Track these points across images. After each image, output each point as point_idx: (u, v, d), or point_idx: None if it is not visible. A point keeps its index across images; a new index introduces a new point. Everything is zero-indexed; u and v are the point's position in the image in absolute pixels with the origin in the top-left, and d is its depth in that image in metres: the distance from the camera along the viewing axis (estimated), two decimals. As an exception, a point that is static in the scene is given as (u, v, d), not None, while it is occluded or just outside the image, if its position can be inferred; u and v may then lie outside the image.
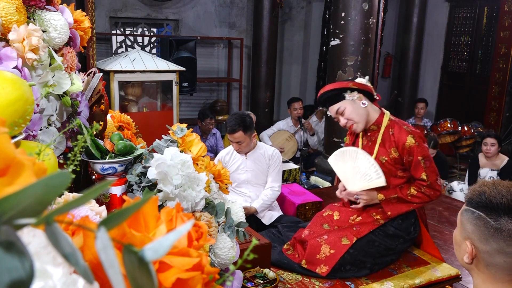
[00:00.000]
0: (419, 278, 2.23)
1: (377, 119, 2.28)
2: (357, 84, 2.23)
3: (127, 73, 4.04)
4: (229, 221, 1.40)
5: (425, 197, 2.24)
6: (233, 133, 2.85)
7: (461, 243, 1.07)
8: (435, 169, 2.23)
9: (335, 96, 2.25)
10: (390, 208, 2.27)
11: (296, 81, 7.80)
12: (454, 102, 7.34)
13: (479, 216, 1.01)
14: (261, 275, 2.06)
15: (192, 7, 6.62)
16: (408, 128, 2.24)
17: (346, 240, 2.23)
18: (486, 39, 6.95)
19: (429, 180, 2.21)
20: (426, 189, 2.23)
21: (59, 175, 0.36)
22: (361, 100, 2.24)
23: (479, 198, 1.03)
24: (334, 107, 2.26)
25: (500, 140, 4.59)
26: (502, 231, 0.97)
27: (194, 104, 6.83)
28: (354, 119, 2.25)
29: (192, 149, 1.43)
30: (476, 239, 1.01)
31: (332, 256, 2.20)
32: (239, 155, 3.02)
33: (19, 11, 1.11)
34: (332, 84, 2.29)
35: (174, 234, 0.41)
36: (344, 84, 2.25)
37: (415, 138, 2.19)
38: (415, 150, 2.18)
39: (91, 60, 2.82)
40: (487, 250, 0.99)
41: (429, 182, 2.22)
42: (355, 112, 2.23)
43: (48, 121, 1.22)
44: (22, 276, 0.32)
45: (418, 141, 2.19)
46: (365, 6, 4.25)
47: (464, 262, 1.08)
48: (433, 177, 2.22)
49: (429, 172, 2.21)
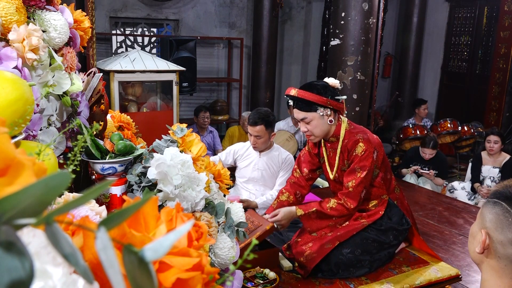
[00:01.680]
0: (419, 278, 2.23)
1: (335, 131, 2.25)
2: (332, 104, 2.17)
3: (127, 73, 4.04)
4: (229, 221, 1.40)
5: (344, 209, 2.20)
6: (254, 125, 2.85)
7: (476, 234, 1.08)
8: (365, 182, 2.17)
9: (307, 104, 2.17)
10: (310, 224, 2.25)
11: (296, 81, 7.80)
12: (454, 102, 7.35)
13: (500, 205, 1.03)
14: (261, 275, 2.06)
15: (192, 7, 6.63)
16: (362, 137, 2.19)
17: (329, 244, 2.23)
18: (486, 39, 6.96)
19: (353, 188, 2.17)
20: (346, 198, 2.19)
21: (59, 175, 0.36)
22: (329, 117, 2.20)
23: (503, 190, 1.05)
24: (301, 114, 2.20)
25: (503, 138, 4.63)
26: None
27: (194, 104, 6.83)
28: (316, 133, 2.22)
29: (192, 149, 1.43)
30: (493, 228, 1.03)
31: (313, 259, 2.19)
32: (254, 152, 3.02)
33: (19, 11, 1.11)
34: (309, 93, 2.16)
35: (174, 234, 0.41)
36: (321, 101, 2.15)
37: (365, 148, 2.16)
38: (357, 159, 2.17)
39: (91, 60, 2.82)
40: (501, 240, 1.01)
41: (351, 190, 2.17)
42: (319, 128, 2.20)
43: (48, 121, 1.22)
44: (22, 276, 0.32)
45: (365, 150, 2.16)
46: (365, 6, 4.25)
47: (475, 254, 1.08)
48: (358, 188, 2.17)
49: (358, 183, 2.16)
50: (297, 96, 2.16)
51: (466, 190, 4.66)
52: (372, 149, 2.18)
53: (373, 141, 2.20)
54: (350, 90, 4.27)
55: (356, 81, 4.26)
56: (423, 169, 4.73)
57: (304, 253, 2.23)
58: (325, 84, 2.21)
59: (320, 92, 2.15)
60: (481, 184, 4.58)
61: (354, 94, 4.29)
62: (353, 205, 2.20)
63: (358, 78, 4.27)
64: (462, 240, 2.77)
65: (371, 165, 2.18)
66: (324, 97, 2.15)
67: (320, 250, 2.20)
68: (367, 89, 4.38)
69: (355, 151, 2.18)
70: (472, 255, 1.10)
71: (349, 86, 4.28)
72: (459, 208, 3.36)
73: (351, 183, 2.19)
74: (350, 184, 2.20)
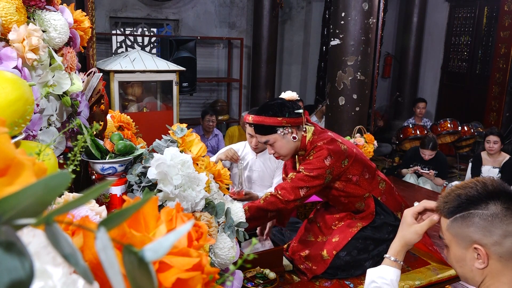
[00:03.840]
0: (419, 279, 2.23)
1: (301, 145, 2.21)
2: (290, 121, 2.13)
3: (127, 73, 4.04)
4: (229, 221, 1.40)
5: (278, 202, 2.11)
6: None
7: (464, 255, 1.07)
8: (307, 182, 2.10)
9: (265, 128, 2.15)
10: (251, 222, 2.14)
11: (296, 81, 7.80)
12: (454, 102, 7.35)
13: (470, 215, 1.03)
14: (262, 275, 2.06)
15: (192, 7, 6.63)
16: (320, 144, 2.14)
17: (327, 255, 2.21)
18: (486, 39, 6.96)
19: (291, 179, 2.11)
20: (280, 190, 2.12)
21: (59, 175, 0.36)
22: (291, 135, 2.16)
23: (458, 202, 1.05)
24: (263, 138, 2.18)
25: (503, 138, 4.64)
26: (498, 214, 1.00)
27: (194, 104, 6.84)
28: (282, 153, 2.20)
29: (192, 149, 1.43)
30: (480, 236, 1.02)
31: (313, 271, 2.20)
32: (251, 153, 3.01)
33: (19, 11, 1.11)
34: (264, 118, 2.13)
35: (174, 234, 0.41)
36: (277, 122, 2.11)
37: (316, 154, 2.11)
38: (307, 161, 2.13)
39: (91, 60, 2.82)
40: (495, 240, 1.01)
41: (290, 181, 2.11)
42: (284, 148, 2.17)
43: (48, 121, 1.22)
44: (22, 276, 0.32)
45: (314, 156, 2.11)
46: (365, 6, 4.25)
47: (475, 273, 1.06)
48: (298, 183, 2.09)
49: (299, 178, 2.10)
50: (253, 122, 2.15)
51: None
52: (325, 154, 2.10)
53: (332, 148, 2.12)
54: (350, 90, 4.27)
55: (356, 81, 4.26)
56: (423, 169, 4.73)
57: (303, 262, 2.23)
58: (280, 102, 2.16)
59: (276, 112, 2.11)
60: (481, 184, 4.58)
61: (354, 94, 4.29)
62: (289, 198, 2.10)
63: (358, 78, 4.27)
64: (462, 240, 2.77)
65: (318, 170, 2.09)
66: (280, 118, 2.11)
67: (320, 264, 2.20)
68: (367, 89, 4.37)
69: (309, 157, 2.14)
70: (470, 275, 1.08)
71: (349, 86, 4.28)
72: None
73: (291, 174, 2.13)
74: (290, 176, 2.13)
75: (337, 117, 4.57)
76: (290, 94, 2.22)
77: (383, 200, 2.32)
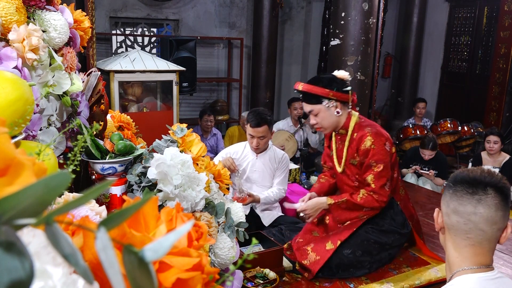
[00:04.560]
0: (419, 278, 2.23)
1: (344, 123, 2.29)
2: (336, 95, 2.22)
3: (127, 73, 4.04)
4: (229, 221, 1.40)
5: (373, 201, 2.21)
6: (258, 127, 2.82)
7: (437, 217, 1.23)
8: (385, 175, 2.20)
9: (313, 97, 2.24)
10: (339, 213, 2.28)
11: (296, 81, 7.75)
12: (454, 102, 7.34)
13: (446, 185, 1.21)
14: (262, 275, 2.06)
15: (192, 7, 6.63)
16: (370, 130, 2.22)
17: (331, 244, 2.23)
18: (486, 39, 6.95)
19: (374, 184, 2.19)
20: (373, 194, 2.21)
21: (59, 175, 0.36)
22: (336, 109, 2.25)
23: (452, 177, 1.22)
24: (308, 107, 2.28)
25: (503, 138, 4.63)
26: (457, 192, 1.14)
27: (194, 104, 6.83)
28: (324, 125, 2.28)
29: (192, 149, 1.43)
30: (442, 204, 1.19)
31: (317, 262, 2.20)
32: (251, 153, 3.00)
33: (19, 11, 1.11)
34: (313, 87, 2.23)
35: (174, 234, 0.41)
36: (324, 93, 2.21)
37: (373, 141, 2.18)
38: (370, 153, 2.19)
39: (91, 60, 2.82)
40: (446, 211, 1.16)
41: (374, 186, 2.20)
42: (326, 120, 2.26)
43: (48, 121, 1.22)
44: (22, 276, 0.32)
45: (375, 143, 2.18)
46: (365, 6, 4.25)
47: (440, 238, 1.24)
48: (379, 182, 2.19)
49: (377, 177, 2.19)
50: (302, 90, 2.26)
51: (466, 189, 4.66)
52: (383, 141, 2.20)
53: (383, 134, 2.23)
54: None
55: (356, 81, 4.26)
56: (423, 169, 4.72)
57: (307, 255, 2.23)
58: (331, 77, 2.27)
59: (325, 85, 2.22)
60: (481, 184, 4.58)
61: (354, 94, 4.29)
62: (383, 200, 2.21)
63: (358, 78, 4.27)
64: (462, 240, 2.77)
65: (386, 157, 2.20)
66: (328, 89, 2.21)
67: (323, 253, 2.21)
68: (367, 89, 4.37)
69: (364, 145, 2.20)
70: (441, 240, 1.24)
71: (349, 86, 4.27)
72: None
73: (370, 178, 2.21)
74: (369, 179, 2.22)
75: (337, 117, 4.57)
76: (342, 73, 2.31)
77: (401, 206, 2.34)
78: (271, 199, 2.93)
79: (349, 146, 2.29)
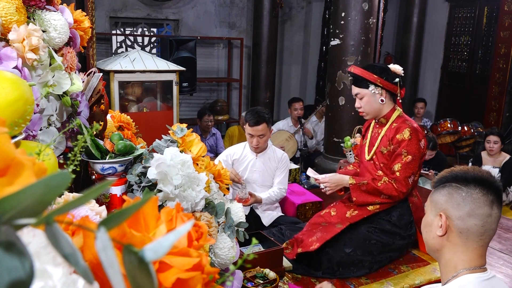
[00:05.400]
0: (419, 278, 2.23)
1: (387, 113, 2.37)
2: (383, 83, 2.31)
3: (127, 73, 4.04)
4: (229, 221, 1.40)
5: (393, 190, 2.25)
6: (257, 125, 2.83)
7: (431, 221, 1.16)
8: (412, 168, 2.24)
9: (361, 81, 2.34)
10: (357, 194, 2.34)
11: (296, 81, 7.79)
12: (454, 102, 7.34)
13: (450, 186, 1.13)
14: (261, 275, 2.06)
15: (192, 7, 6.62)
16: (410, 124, 2.29)
17: (340, 224, 2.26)
18: (486, 39, 6.95)
19: (399, 172, 2.24)
20: (395, 182, 2.26)
21: (59, 175, 0.36)
22: (381, 96, 2.34)
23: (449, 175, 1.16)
24: (355, 89, 2.39)
25: (503, 138, 4.64)
26: (472, 194, 1.09)
27: (194, 104, 6.83)
28: (366, 110, 2.38)
29: (192, 149, 1.43)
30: (450, 207, 1.11)
31: (323, 236, 2.23)
32: (250, 154, 3.00)
33: (19, 11, 1.11)
34: (362, 70, 2.33)
35: (174, 234, 0.41)
36: (372, 78, 2.31)
37: (411, 133, 2.24)
38: (404, 143, 2.25)
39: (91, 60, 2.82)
40: (460, 215, 1.09)
41: (398, 174, 2.25)
42: (369, 105, 2.36)
43: (48, 121, 1.22)
44: (22, 276, 0.32)
45: (412, 136, 2.24)
46: (365, 6, 4.25)
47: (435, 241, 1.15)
48: (405, 173, 2.24)
49: (404, 167, 2.24)
50: (353, 72, 2.37)
51: (466, 190, 4.66)
52: (419, 137, 2.26)
53: (421, 132, 2.29)
54: (350, 90, 4.27)
55: (356, 81, 4.26)
56: (423, 169, 4.72)
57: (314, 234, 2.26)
58: (384, 67, 2.36)
59: (376, 72, 2.32)
60: (481, 184, 4.58)
61: (354, 94, 4.29)
62: (402, 190, 2.24)
63: (358, 78, 4.26)
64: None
65: (417, 152, 2.25)
66: (377, 76, 2.31)
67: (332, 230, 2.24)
68: (367, 89, 4.37)
69: (401, 135, 2.26)
70: (431, 243, 1.17)
71: (349, 86, 4.27)
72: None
73: (397, 166, 2.26)
74: (396, 168, 2.26)
75: (337, 117, 4.57)
76: (395, 67, 2.40)
77: (413, 209, 2.35)
78: (273, 199, 2.93)
79: (385, 134, 2.36)
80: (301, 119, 5.52)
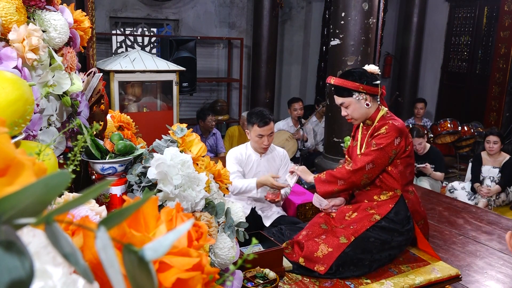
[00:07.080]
0: (419, 278, 2.23)
1: (372, 115, 2.43)
2: (366, 88, 2.35)
3: (127, 73, 4.04)
4: (229, 221, 1.40)
5: (343, 169, 2.36)
6: (267, 124, 2.86)
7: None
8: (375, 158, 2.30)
9: (343, 90, 2.38)
10: (319, 186, 2.44)
11: (296, 81, 7.79)
12: (454, 102, 7.34)
13: None
14: (261, 275, 2.06)
15: (192, 7, 6.62)
16: (392, 122, 2.34)
17: (344, 239, 2.26)
18: (486, 39, 6.95)
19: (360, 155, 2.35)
20: (348, 164, 2.38)
21: (59, 175, 0.36)
22: (365, 101, 2.38)
23: None
24: (339, 99, 2.43)
25: (503, 138, 4.64)
26: None
27: (194, 104, 6.83)
28: (354, 116, 2.43)
29: (192, 149, 1.43)
30: None
31: (330, 254, 2.22)
32: (254, 154, 3.01)
33: (19, 11, 1.11)
34: (344, 80, 2.36)
35: (174, 234, 0.41)
36: (354, 86, 2.34)
37: (388, 130, 2.31)
38: (379, 136, 2.33)
39: (91, 60, 2.82)
40: None
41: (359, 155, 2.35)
42: (356, 111, 2.41)
43: (48, 121, 1.22)
44: (22, 276, 0.32)
45: (387, 132, 2.31)
46: (365, 6, 4.25)
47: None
48: (366, 158, 2.31)
49: (368, 152, 2.32)
50: (334, 84, 2.41)
51: (466, 190, 4.66)
52: (395, 134, 2.31)
53: (399, 129, 2.34)
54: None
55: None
56: (418, 163, 4.71)
57: (318, 245, 2.25)
58: (362, 71, 2.40)
59: (355, 78, 2.35)
60: (481, 184, 4.58)
61: (354, 94, 4.29)
62: (352, 168, 2.34)
63: (358, 78, 4.26)
64: (462, 240, 2.77)
65: (388, 146, 2.30)
66: (358, 83, 2.35)
67: (337, 246, 2.23)
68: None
69: (378, 132, 2.34)
70: None
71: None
72: (459, 208, 3.36)
73: (363, 149, 2.38)
74: (361, 152, 2.38)
75: (337, 117, 4.57)
76: (372, 67, 2.44)
77: (409, 205, 2.36)
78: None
79: (369, 134, 2.42)
80: (301, 119, 5.52)
